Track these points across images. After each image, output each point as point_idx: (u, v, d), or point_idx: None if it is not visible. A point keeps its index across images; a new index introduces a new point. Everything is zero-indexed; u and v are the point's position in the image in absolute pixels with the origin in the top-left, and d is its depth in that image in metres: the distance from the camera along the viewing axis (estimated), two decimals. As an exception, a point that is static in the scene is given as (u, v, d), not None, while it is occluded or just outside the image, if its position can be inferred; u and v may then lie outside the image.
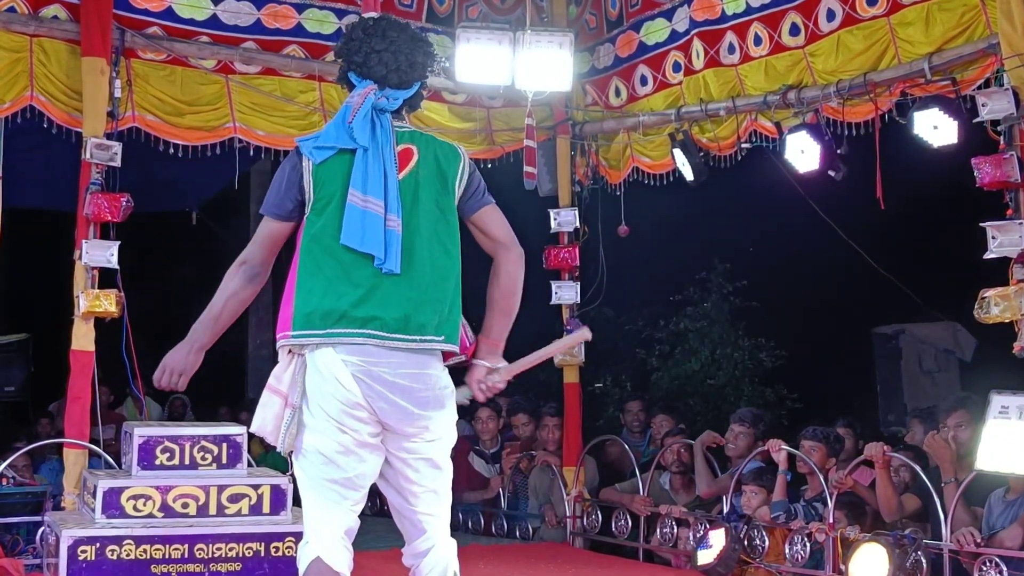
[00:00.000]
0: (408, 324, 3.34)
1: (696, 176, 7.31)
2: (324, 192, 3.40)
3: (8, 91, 6.29)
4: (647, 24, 7.65)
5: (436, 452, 3.46)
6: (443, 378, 3.47)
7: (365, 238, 3.31)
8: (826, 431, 6.37)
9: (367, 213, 3.32)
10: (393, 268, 3.33)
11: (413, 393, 3.36)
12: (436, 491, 3.50)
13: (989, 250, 5.38)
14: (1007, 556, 5.04)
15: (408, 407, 3.36)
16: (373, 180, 3.34)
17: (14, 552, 5.99)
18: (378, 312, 3.31)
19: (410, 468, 3.45)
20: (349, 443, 3.36)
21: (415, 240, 3.38)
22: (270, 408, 3.45)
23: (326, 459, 3.36)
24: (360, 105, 3.40)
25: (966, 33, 5.88)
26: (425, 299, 3.38)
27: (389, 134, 3.42)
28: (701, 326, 10.50)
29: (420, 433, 3.41)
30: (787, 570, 5.88)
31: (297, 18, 7.15)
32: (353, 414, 3.34)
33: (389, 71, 3.46)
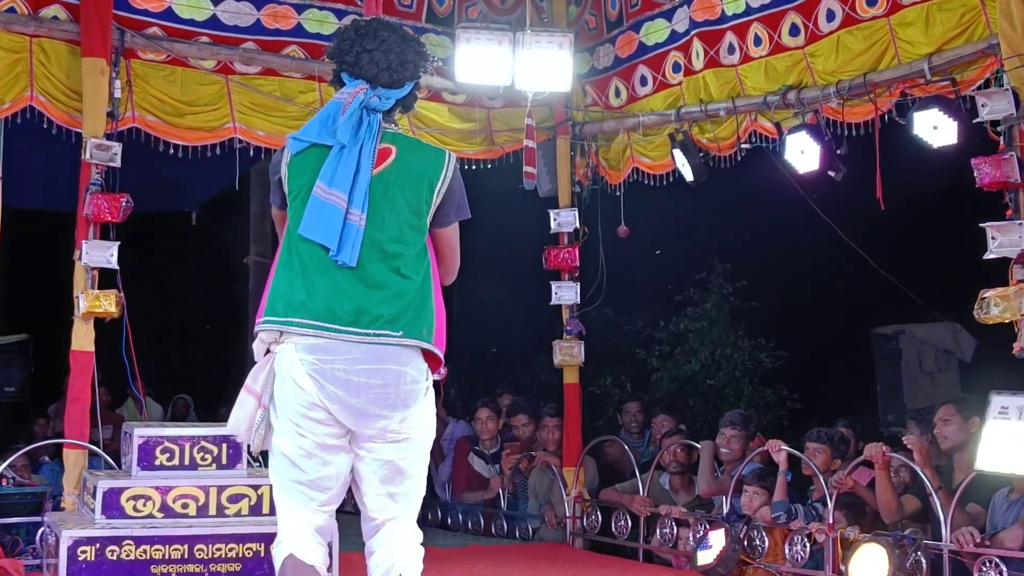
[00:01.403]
0: (360, 317, 3.30)
1: (696, 177, 7.31)
2: (296, 184, 3.43)
3: (8, 91, 6.30)
4: (647, 24, 7.65)
5: (400, 454, 3.38)
6: (410, 375, 3.36)
7: (319, 229, 3.32)
8: (830, 432, 6.37)
9: (327, 204, 3.32)
10: (347, 260, 3.32)
11: (369, 390, 3.30)
12: (394, 495, 3.41)
13: (989, 250, 5.38)
14: (1007, 556, 5.04)
15: (364, 406, 3.30)
16: (341, 174, 3.35)
17: (14, 552, 5.99)
18: (332, 304, 3.30)
19: (368, 468, 3.39)
20: (309, 446, 3.35)
21: (379, 236, 3.36)
22: (244, 408, 3.49)
23: (290, 461, 3.37)
24: (350, 103, 3.41)
25: (966, 33, 5.88)
26: (381, 293, 3.33)
27: (374, 133, 3.42)
28: (701, 326, 10.51)
29: (381, 434, 3.34)
30: (787, 570, 5.88)
31: (297, 18, 7.15)
32: (310, 415, 3.32)
33: (380, 70, 3.46)
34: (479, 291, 11.09)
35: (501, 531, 7.69)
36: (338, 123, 3.39)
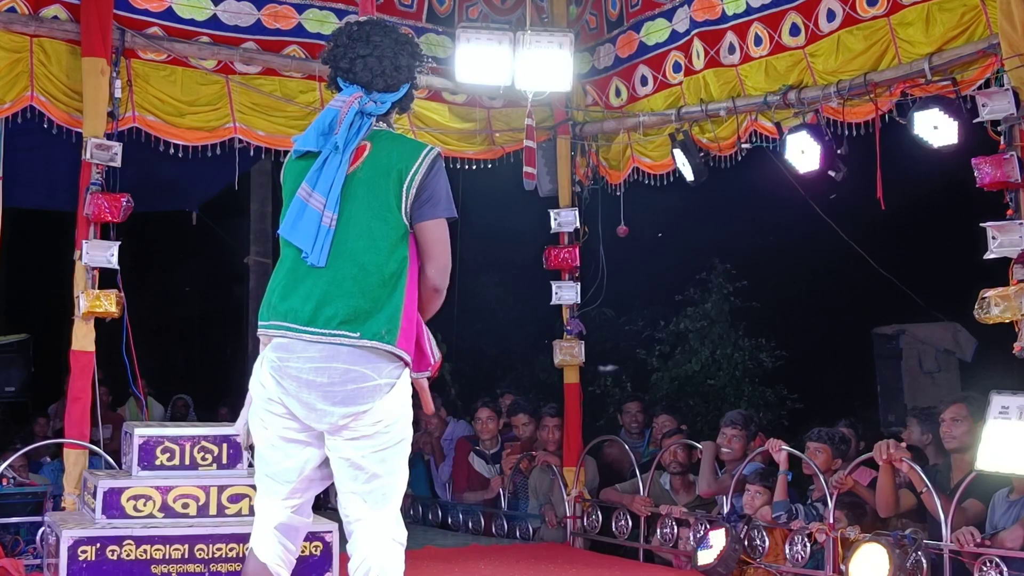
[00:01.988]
0: (317, 316, 3.35)
1: (696, 176, 7.31)
2: (286, 188, 3.53)
3: (8, 91, 6.30)
4: (647, 24, 7.65)
5: (358, 452, 3.39)
6: (358, 373, 3.36)
7: (297, 231, 3.40)
8: (831, 432, 6.37)
9: (307, 207, 3.39)
10: (316, 262, 3.38)
11: (318, 387, 3.35)
12: (359, 493, 3.41)
13: (989, 250, 5.38)
14: (1008, 556, 5.04)
15: (313, 402, 3.36)
16: (325, 177, 3.40)
17: (14, 552, 5.99)
18: (296, 304, 3.38)
19: (336, 466, 3.45)
20: (272, 439, 3.47)
21: (346, 235, 3.39)
22: (246, 409, 3.60)
23: (260, 453, 3.51)
24: (346, 112, 3.44)
25: (966, 33, 5.87)
26: (339, 292, 3.36)
27: (360, 134, 3.45)
28: (701, 326, 10.51)
29: (335, 430, 3.38)
30: (787, 570, 5.88)
31: (297, 18, 7.15)
32: (270, 410, 3.44)
33: (375, 76, 3.48)
34: (480, 291, 11.11)
35: (501, 531, 7.69)
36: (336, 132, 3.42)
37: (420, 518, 8.17)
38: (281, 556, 3.49)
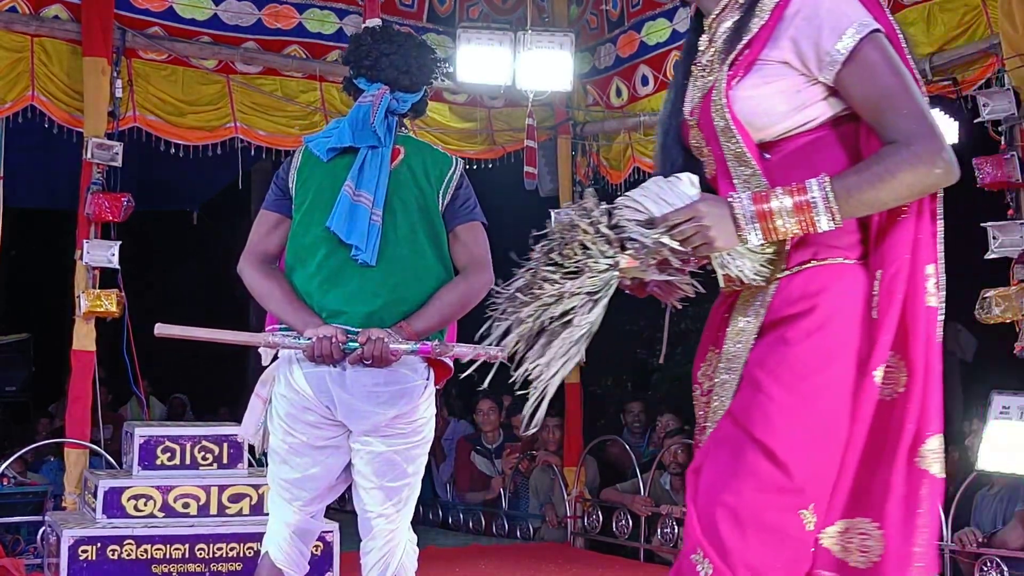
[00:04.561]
0: (371, 321, 3.30)
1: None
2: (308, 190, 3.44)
3: (9, 91, 6.30)
4: (648, 24, 7.65)
5: (393, 448, 3.38)
6: (407, 375, 3.35)
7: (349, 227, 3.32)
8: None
9: (357, 205, 3.34)
10: (369, 260, 3.33)
11: (363, 388, 3.30)
12: (389, 491, 3.40)
13: (990, 250, 5.38)
14: (1008, 556, 5.04)
15: (357, 404, 3.31)
16: (368, 175, 3.37)
17: (15, 552, 6.00)
18: (340, 305, 3.30)
19: (363, 462, 3.39)
20: (299, 446, 3.38)
21: (390, 237, 3.36)
22: (252, 412, 3.51)
23: (280, 458, 3.41)
24: (378, 106, 3.43)
25: (967, 33, 5.87)
26: (393, 297, 3.34)
27: (392, 135, 3.45)
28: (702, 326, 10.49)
29: (374, 429, 3.35)
30: (788, 570, 5.87)
31: (298, 18, 7.16)
32: (301, 418, 3.34)
33: (400, 73, 3.48)
34: (480, 291, 11.08)
35: (502, 531, 7.70)
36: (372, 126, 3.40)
37: (421, 518, 8.15)
38: (296, 560, 3.47)
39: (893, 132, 2.11)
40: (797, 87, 2.19)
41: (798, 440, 2.09)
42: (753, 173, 2.20)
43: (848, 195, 2.10)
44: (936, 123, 2.12)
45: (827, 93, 2.19)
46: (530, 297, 2.19)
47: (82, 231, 6.30)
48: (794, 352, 2.14)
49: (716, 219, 2.13)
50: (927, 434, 2.13)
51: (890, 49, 2.20)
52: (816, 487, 2.10)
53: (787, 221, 2.11)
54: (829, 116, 2.21)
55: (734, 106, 2.21)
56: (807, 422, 2.10)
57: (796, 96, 2.19)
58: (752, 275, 2.21)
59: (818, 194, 2.09)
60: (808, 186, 2.10)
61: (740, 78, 2.22)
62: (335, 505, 5.39)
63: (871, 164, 2.11)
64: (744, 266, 2.20)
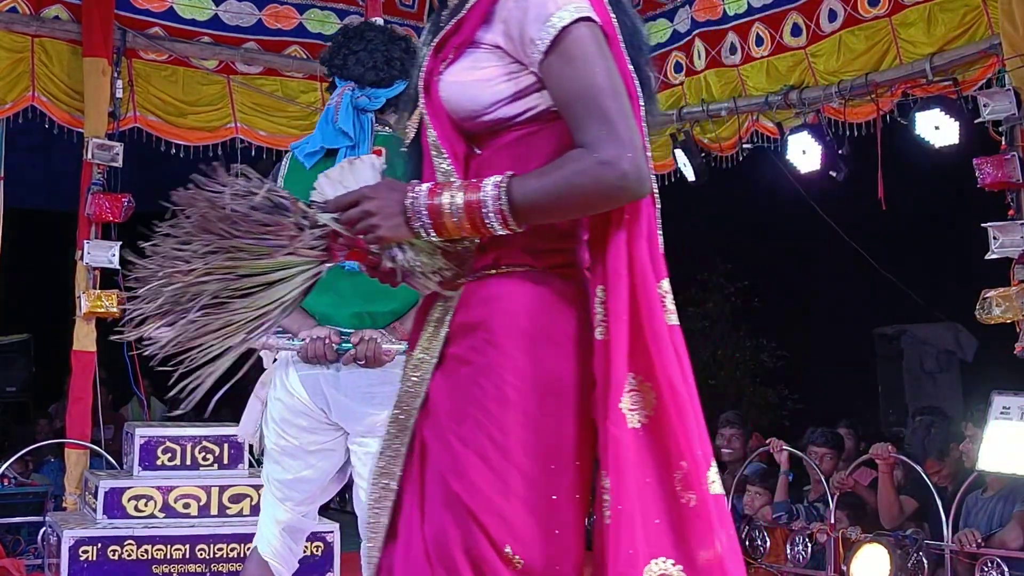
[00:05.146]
0: (362, 321, 3.30)
1: (697, 176, 7.31)
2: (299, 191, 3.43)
3: (9, 91, 6.30)
4: (648, 24, 7.62)
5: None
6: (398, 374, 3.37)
7: None
8: (833, 433, 6.37)
9: None
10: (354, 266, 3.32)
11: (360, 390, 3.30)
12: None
13: (991, 251, 5.38)
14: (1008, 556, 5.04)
15: (353, 406, 3.31)
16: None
17: (15, 552, 6.00)
18: (331, 311, 3.29)
19: (361, 463, 3.36)
20: (294, 449, 3.38)
21: None
22: (251, 412, 3.55)
23: (273, 459, 3.42)
24: (339, 104, 3.42)
25: (968, 33, 5.88)
26: (383, 299, 3.30)
27: (368, 133, 3.43)
28: (702, 326, 10.49)
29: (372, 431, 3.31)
30: (788, 570, 5.88)
31: (299, 18, 7.16)
32: (294, 422, 3.35)
33: (366, 69, 3.46)
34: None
35: (502, 531, 7.68)
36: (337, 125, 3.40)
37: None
38: (285, 556, 3.49)
39: (581, 135, 1.86)
40: (509, 75, 1.93)
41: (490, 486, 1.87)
42: (449, 167, 1.97)
43: (525, 199, 1.85)
44: (629, 130, 1.86)
45: (540, 84, 1.92)
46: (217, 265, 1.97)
47: (83, 231, 6.31)
48: (474, 381, 1.92)
49: (383, 207, 1.93)
50: (709, 463, 1.92)
51: (597, 42, 1.89)
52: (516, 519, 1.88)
53: (460, 219, 1.88)
54: (544, 108, 1.94)
55: (441, 93, 1.98)
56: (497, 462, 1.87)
57: (508, 85, 1.94)
58: (427, 272, 1.99)
59: (490, 195, 1.86)
60: (483, 185, 1.87)
61: (450, 62, 1.98)
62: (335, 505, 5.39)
63: (553, 168, 1.87)
64: (415, 261, 1.97)
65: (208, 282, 1.95)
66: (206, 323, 1.98)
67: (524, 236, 1.91)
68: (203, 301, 1.96)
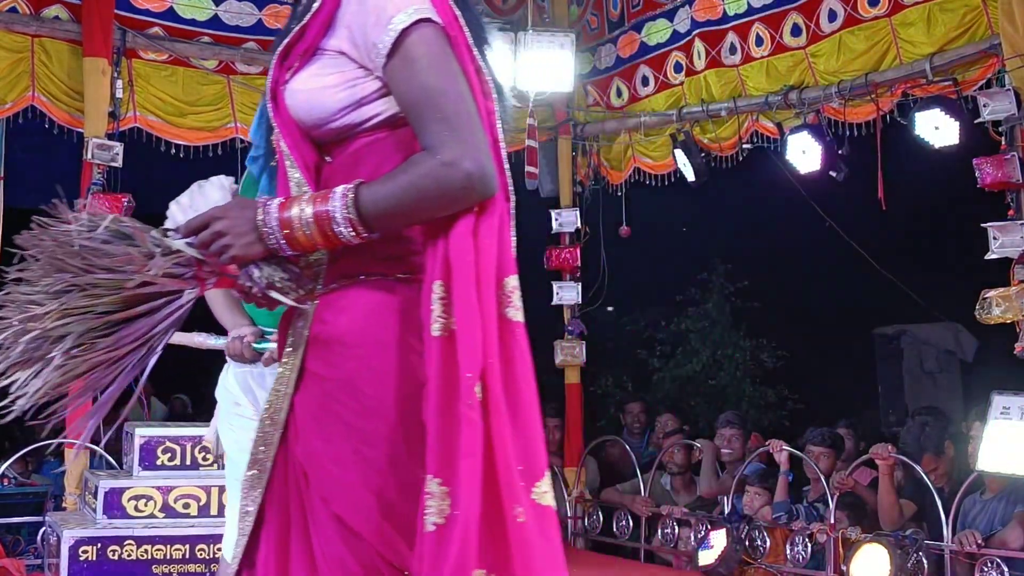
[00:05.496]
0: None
1: (697, 177, 7.31)
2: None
3: (9, 91, 6.30)
4: (648, 24, 7.66)
5: None
6: None
7: None
8: (832, 433, 6.37)
9: None
10: None
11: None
12: None
13: (990, 251, 5.39)
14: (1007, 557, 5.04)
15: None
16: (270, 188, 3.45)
17: (15, 552, 6.00)
18: (257, 311, 3.31)
19: None
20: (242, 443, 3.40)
21: None
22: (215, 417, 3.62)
23: (230, 457, 3.46)
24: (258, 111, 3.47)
25: (968, 34, 5.88)
26: None
27: None
28: (702, 327, 10.50)
29: None
30: (788, 571, 5.88)
31: (299, 18, 7.15)
32: (236, 412, 3.41)
33: None
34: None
35: (502, 531, 7.68)
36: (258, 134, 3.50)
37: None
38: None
39: (424, 138, 1.86)
40: (354, 81, 1.93)
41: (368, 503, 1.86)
42: (300, 177, 1.95)
43: (374, 207, 1.84)
44: (471, 131, 1.87)
45: (387, 89, 1.92)
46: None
47: (82, 231, 6.30)
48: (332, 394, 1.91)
49: (233, 226, 1.89)
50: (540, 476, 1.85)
51: (440, 44, 1.89)
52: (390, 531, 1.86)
53: (311, 232, 1.86)
54: (391, 114, 1.93)
55: (287, 101, 1.99)
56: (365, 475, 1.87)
57: (352, 91, 1.93)
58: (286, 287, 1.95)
59: (338, 205, 1.84)
60: (331, 195, 1.85)
61: (296, 70, 1.99)
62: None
63: (398, 173, 1.85)
64: (272, 276, 1.93)
65: (68, 324, 1.92)
66: (72, 367, 1.95)
67: (375, 245, 1.89)
68: (66, 345, 1.92)
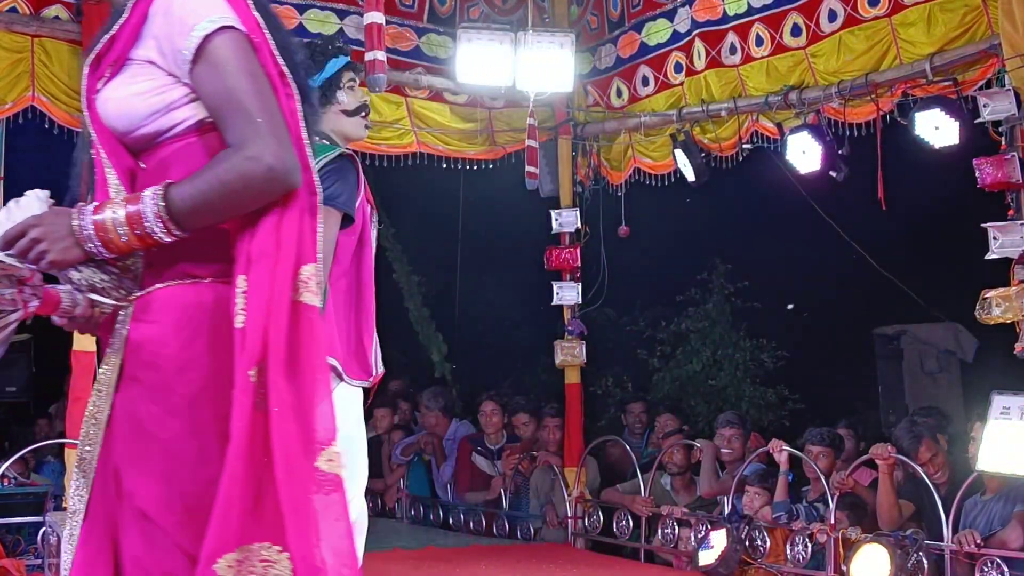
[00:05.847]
0: None
1: (697, 177, 7.31)
2: None
3: (9, 91, 6.30)
4: (648, 25, 7.66)
5: None
6: None
7: None
8: (831, 432, 6.37)
9: None
10: None
11: None
12: None
13: (990, 251, 5.39)
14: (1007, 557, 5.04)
15: None
16: None
17: (16, 552, 6.00)
18: None
19: None
20: None
21: None
22: None
23: None
24: None
25: (968, 34, 5.88)
26: None
27: None
28: (702, 327, 10.49)
29: None
30: (788, 571, 5.88)
31: (299, 19, 7.15)
32: None
33: None
34: (480, 292, 11.09)
35: (503, 531, 7.69)
36: None
37: (421, 518, 8.17)
38: None
39: (229, 135, 1.97)
40: (163, 88, 2.03)
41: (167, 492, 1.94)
42: (118, 182, 2.05)
43: (184, 204, 1.93)
44: (274, 126, 1.98)
45: (193, 95, 2.03)
46: None
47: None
48: (145, 394, 1.98)
49: (49, 232, 1.97)
50: (324, 442, 1.96)
51: (242, 49, 2.01)
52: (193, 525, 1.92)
53: (125, 233, 1.95)
54: (198, 120, 2.04)
55: (100, 109, 2.07)
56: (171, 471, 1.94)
57: (161, 97, 2.03)
58: (106, 290, 2.02)
59: (149, 205, 1.94)
60: (143, 196, 1.95)
61: (107, 79, 2.07)
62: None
63: (206, 170, 1.96)
64: (93, 278, 2.00)
65: None
66: None
67: (187, 247, 1.98)
68: None
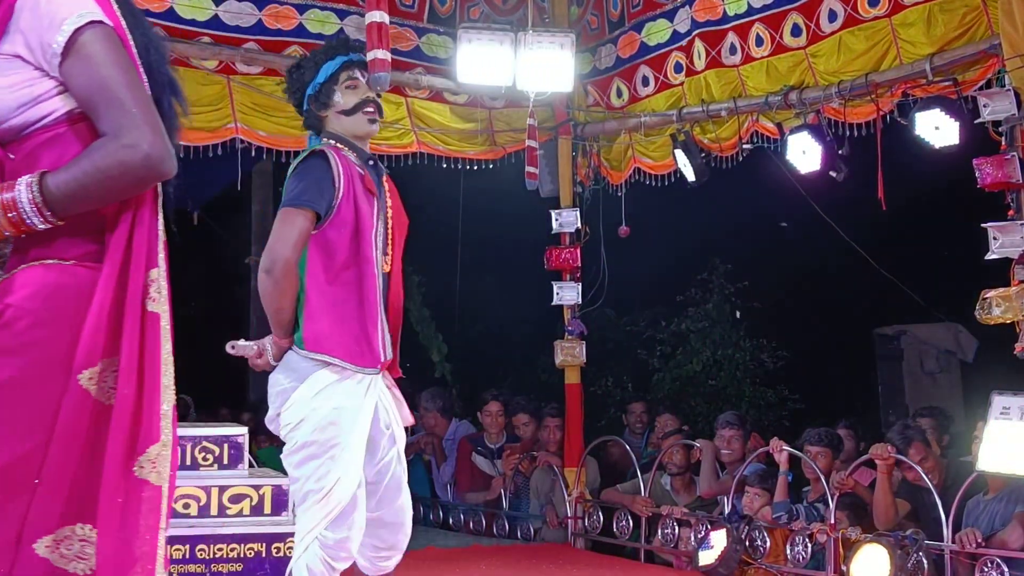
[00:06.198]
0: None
1: (698, 177, 7.31)
2: None
3: (9, 92, 6.30)
4: (648, 25, 7.66)
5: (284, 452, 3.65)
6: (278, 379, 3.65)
7: None
8: (829, 432, 6.37)
9: None
10: None
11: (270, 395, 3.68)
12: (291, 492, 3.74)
13: (990, 251, 5.39)
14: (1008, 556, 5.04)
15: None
16: None
17: (15, 552, 5.99)
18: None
19: None
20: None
21: None
22: None
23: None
24: None
25: (968, 34, 5.88)
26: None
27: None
28: (703, 327, 10.50)
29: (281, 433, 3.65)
30: (788, 571, 5.88)
31: (299, 19, 7.15)
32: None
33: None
34: (480, 292, 11.09)
35: (503, 531, 7.69)
36: None
37: (421, 518, 8.16)
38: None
39: (104, 124, 2.08)
40: (31, 81, 2.12)
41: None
42: None
43: (59, 191, 2.04)
44: (149, 115, 2.12)
45: (61, 87, 2.13)
46: None
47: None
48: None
49: None
50: (146, 444, 2.16)
51: (112, 42, 2.13)
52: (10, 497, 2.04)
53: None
54: (66, 111, 2.14)
55: None
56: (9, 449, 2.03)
57: (29, 90, 2.12)
58: None
59: (24, 191, 2.04)
60: (18, 183, 2.05)
61: None
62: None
63: (82, 158, 2.06)
64: None
65: None
66: None
67: (54, 231, 2.08)
68: None
